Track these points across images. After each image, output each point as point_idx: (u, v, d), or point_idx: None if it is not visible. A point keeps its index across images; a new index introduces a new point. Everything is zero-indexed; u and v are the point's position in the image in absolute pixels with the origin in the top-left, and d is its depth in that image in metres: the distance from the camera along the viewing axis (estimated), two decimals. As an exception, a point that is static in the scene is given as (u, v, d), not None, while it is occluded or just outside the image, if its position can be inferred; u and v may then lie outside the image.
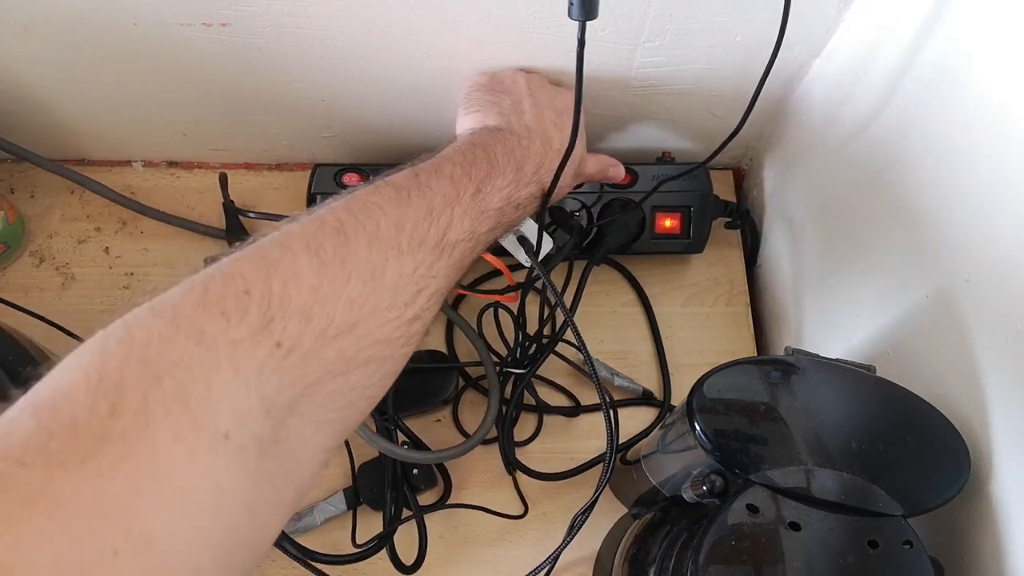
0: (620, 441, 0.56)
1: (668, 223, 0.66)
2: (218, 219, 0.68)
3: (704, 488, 0.38)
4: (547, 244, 0.63)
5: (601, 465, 0.53)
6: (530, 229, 0.62)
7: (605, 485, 0.50)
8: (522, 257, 0.63)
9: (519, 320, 0.64)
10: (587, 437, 0.65)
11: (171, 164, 0.73)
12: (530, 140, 0.49)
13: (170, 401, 0.26)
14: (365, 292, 0.34)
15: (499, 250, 0.63)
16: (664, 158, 0.70)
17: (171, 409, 0.26)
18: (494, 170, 0.45)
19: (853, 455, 0.38)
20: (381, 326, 0.35)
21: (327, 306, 0.32)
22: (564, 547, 0.50)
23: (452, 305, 0.68)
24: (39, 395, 0.26)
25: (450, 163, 0.43)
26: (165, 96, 0.62)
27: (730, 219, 0.70)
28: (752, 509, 0.36)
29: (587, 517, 0.51)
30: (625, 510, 0.58)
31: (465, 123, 0.52)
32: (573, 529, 0.51)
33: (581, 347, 0.51)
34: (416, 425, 0.63)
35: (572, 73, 0.41)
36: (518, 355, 0.64)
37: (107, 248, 0.69)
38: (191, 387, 0.27)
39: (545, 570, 0.51)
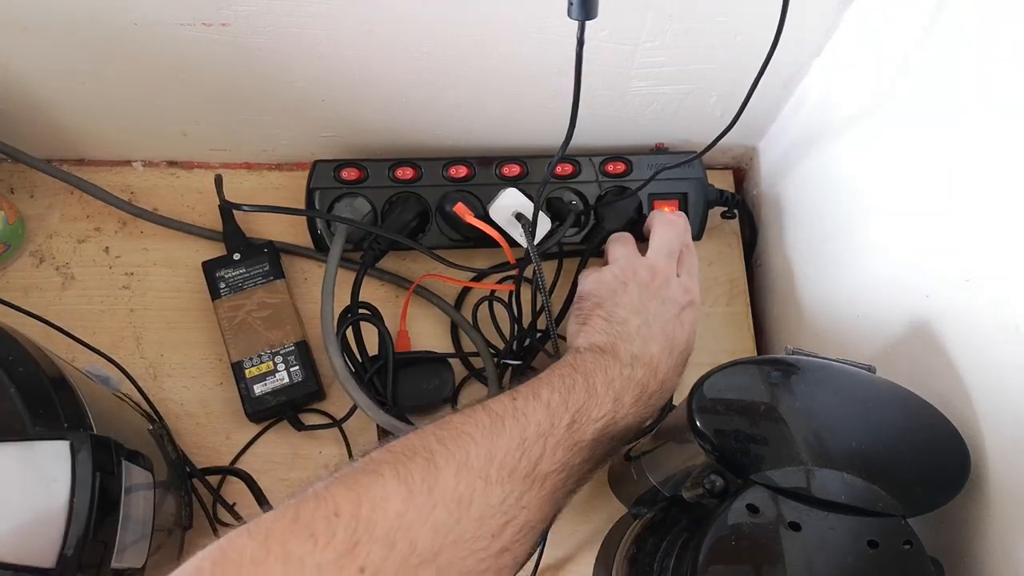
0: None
1: (666, 210, 0.66)
2: (219, 219, 0.68)
3: (704, 488, 0.38)
4: (544, 225, 0.63)
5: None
6: (528, 208, 0.62)
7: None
8: (517, 235, 0.63)
9: (513, 311, 0.64)
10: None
11: (171, 164, 0.73)
12: (632, 369, 0.47)
13: None
14: (450, 521, 0.35)
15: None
16: (658, 148, 0.70)
17: None
18: (591, 400, 0.44)
19: (853, 455, 0.38)
20: (465, 557, 0.35)
21: (411, 533, 0.33)
22: (549, 526, 0.50)
23: (454, 305, 0.68)
24: None
25: (548, 388, 0.44)
26: (165, 96, 0.62)
27: (726, 208, 0.70)
28: (752, 509, 0.36)
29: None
30: (625, 510, 0.58)
31: (572, 333, 0.52)
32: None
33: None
34: (417, 423, 0.63)
35: (572, 73, 0.42)
36: (514, 347, 0.64)
37: (107, 248, 0.69)
38: None
39: (535, 552, 0.51)
